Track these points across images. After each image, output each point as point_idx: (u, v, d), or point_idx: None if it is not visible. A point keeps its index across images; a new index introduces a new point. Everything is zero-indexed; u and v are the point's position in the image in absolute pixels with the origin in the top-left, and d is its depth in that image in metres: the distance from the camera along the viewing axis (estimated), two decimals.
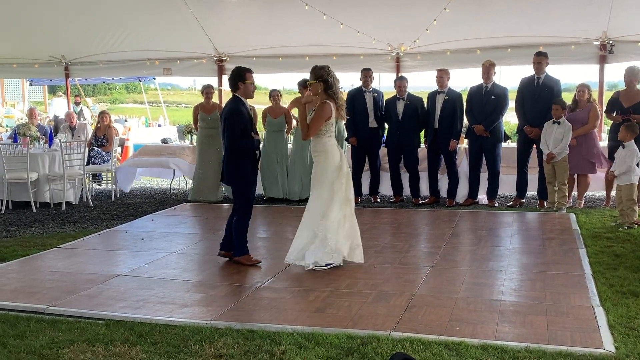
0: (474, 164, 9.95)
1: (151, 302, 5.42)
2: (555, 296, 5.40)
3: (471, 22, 10.53)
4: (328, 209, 6.42)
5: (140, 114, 23.10)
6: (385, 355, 4.11)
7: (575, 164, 9.26)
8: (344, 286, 5.81)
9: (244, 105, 6.60)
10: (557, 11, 10.05)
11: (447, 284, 5.86)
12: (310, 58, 11.98)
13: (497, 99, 9.66)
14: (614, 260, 6.54)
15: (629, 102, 9.07)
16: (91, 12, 11.25)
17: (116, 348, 4.38)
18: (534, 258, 6.75)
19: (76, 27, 11.99)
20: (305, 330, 4.62)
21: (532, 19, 10.32)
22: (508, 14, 10.31)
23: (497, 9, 10.19)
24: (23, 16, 11.45)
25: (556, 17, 10.20)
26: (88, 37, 12.40)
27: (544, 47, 10.06)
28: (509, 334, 4.56)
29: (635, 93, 9.12)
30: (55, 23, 11.82)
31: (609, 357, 4.10)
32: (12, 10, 11.15)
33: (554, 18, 10.23)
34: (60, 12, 11.28)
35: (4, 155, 10.00)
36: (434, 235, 7.98)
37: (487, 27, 10.57)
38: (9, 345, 4.46)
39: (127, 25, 11.79)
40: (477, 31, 10.67)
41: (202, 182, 10.88)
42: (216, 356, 4.21)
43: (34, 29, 12.14)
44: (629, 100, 9.07)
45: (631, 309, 5.01)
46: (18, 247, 7.52)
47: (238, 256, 6.66)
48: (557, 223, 8.44)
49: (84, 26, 11.94)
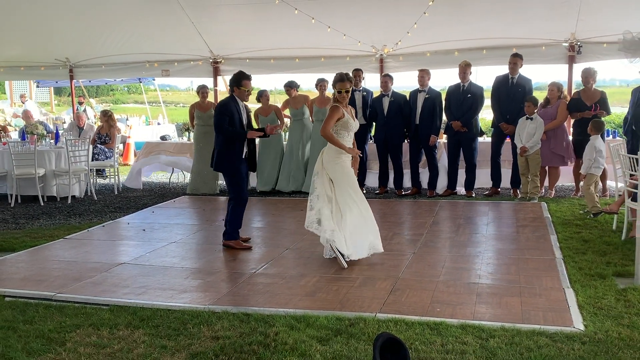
0: (453, 157, 9.99)
1: (152, 288, 5.41)
2: (529, 279, 5.43)
3: (449, 26, 10.53)
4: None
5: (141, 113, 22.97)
6: (372, 335, 4.12)
7: (546, 157, 9.31)
8: (332, 272, 5.81)
9: (235, 102, 6.72)
10: (528, 14, 10.06)
11: (429, 268, 5.88)
12: (299, 60, 11.99)
13: (474, 97, 9.70)
14: (583, 245, 6.59)
15: (590, 100, 9.15)
16: (94, 18, 11.20)
17: (120, 331, 4.38)
18: (508, 244, 6.79)
19: (80, 31, 11.93)
20: (297, 313, 4.63)
21: (505, 22, 10.35)
22: (483, 18, 10.32)
23: (472, 13, 10.20)
24: (30, 22, 11.38)
25: (528, 20, 10.22)
26: (91, 41, 12.34)
27: (517, 48, 10.08)
28: (486, 314, 4.59)
29: (594, 92, 9.23)
30: (60, 28, 11.75)
31: (579, 335, 4.12)
32: (20, 16, 11.09)
33: (526, 21, 10.25)
34: (64, 18, 11.21)
35: (12, 152, 9.95)
36: (416, 223, 7.99)
37: (464, 30, 10.58)
38: (19, 330, 4.45)
39: (128, 29, 11.74)
40: (455, 34, 10.67)
41: (199, 176, 10.87)
42: (214, 338, 4.21)
43: (40, 34, 12.07)
44: (590, 99, 9.17)
45: (599, 290, 5.04)
46: (27, 238, 7.49)
47: (228, 240, 6.79)
48: (530, 211, 8.48)
49: (87, 31, 11.89)
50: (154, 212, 9.28)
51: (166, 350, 4.03)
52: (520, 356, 3.80)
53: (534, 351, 3.86)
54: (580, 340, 4.03)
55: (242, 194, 6.83)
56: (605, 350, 3.87)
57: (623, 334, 4.12)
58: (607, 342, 4.00)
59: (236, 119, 6.66)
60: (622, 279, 5.36)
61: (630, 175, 6.80)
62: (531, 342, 4.00)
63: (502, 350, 3.88)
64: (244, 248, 6.76)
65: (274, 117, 10.63)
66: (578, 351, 3.86)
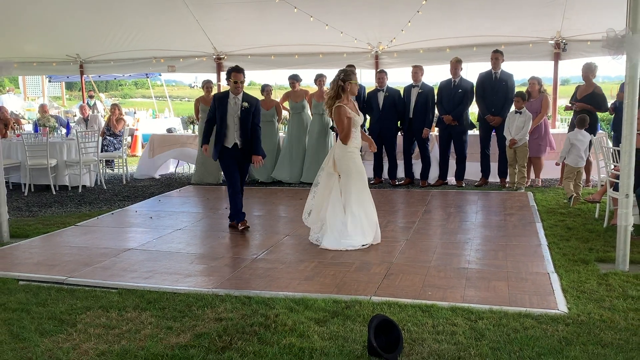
0: (444, 149, 9.98)
1: (159, 272, 5.41)
2: (515, 264, 5.44)
3: (441, 24, 10.51)
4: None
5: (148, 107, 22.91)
6: (367, 317, 4.12)
7: (531, 148, 9.32)
8: (329, 257, 5.81)
9: (226, 98, 6.86)
10: (516, 13, 10.04)
11: (421, 254, 5.88)
12: (299, 56, 11.96)
13: (464, 92, 9.68)
14: (567, 232, 6.59)
15: (582, 94, 9.11)
16: (103, 16, 11.16)
17: (128, 313, 4.37)
18: (496, 231, 6.78)
19: (90, 29, 11.89)
20: (296, 296, 4.63)
21: (494, 20, 10.32)
22: (473, 17, 10.30)
23: (463, 12, 10.18)
24: (43, 20, 11.35)
25: (515, 18, 10.20)
26: (100, 38, 12.31)
27: (505, 46, 10.07)
28: (475, 297, 4.59)
29: (589, 86, 9.15)
30: (71, 25, 11.71)
31: (563, 317, 4.12)
32: (33, 14, 11.05)
33: (514, 20, 10.23)
34: (75, 16, 11.17)
35: (26, 144, 9.95)
36: (409, 212, 7.99)
37: (456, 28, 10.56)
38: (33, 312, 4.44)
39: (136, 27, 11.70)
40: (447, 32, 10.66)
41: (203, 166, 10.84)
42: (217, 320, 4.20)
43: (53, 31, 12.03)
44: (583, 93, 9.12)
45: (582, 275, 5.05)
46: (39, 225, 7.48)
47: (231, 221, 7.20)
48: (517, 200, 8.48)
49: (96, 28, 11.85)
50: (160, 200, 9.27)
51: (172, 331, 4.03)
52: (507, 337, 3.80)
53: (520, 332, 3.87)
54: (564, 322, 4.03)
55: (230, 182, 7.04)
56: (588, 332, 3.87)
57: (604, 316, 4.12)
58: (589, 323, 4.01)
59: (221, 112, 6.80)
60: (603, 265, 5.37)
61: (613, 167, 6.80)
62: (517, 323, 4.01)
63: (490, 332, 3.89)
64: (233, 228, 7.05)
65: (273, 111, 10.64)
66: (562, 332, 3.87)
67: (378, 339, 3.60)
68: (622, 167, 5.17)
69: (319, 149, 10.38)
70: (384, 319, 3.74)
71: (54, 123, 11.47)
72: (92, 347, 3.79)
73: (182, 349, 3.73)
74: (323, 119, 10.41)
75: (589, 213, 7.55)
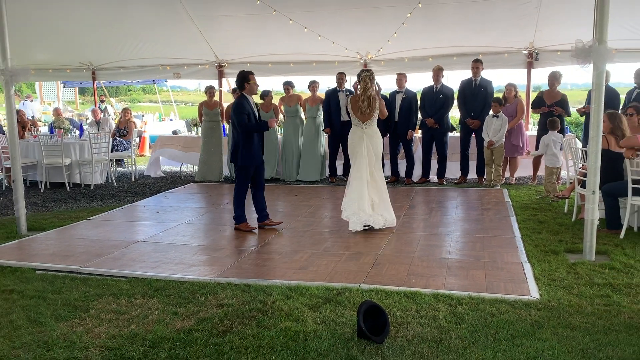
0: (426, 150, 9.98)
1: (165, 262, 5.39)
2: (492, 254, 5.45)
3: (424, 35, 10.50)
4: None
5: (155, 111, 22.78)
6: (356, 303, 4.12)
7: (507, 148, 9.36)
8: (322, 248, 5.81)
9: (247, 100, 6.57)
10: (493, 26, 10.05)
11: (406, 245, 5.89)
12: (294, 64, 11.94)
13: (445, 98, 9.70)
14: (539, 225, 6.62)
15: (551, 99, 9.16)
16: (114, 27, 11.10)
17: (137, 300, 4.36)
18: (474, 224, 6.81)
19: (101, 39, 11.82)
20: (292, 284, 4.63)
21: (472, 32, 10.32)
22: (454, 29, 10.30)
23: (445, 24, 10.18)
24: (58, 30, 11.28)
25: (492, 30, 10.21)
26: (111, 47, 12.24)
27: (483, 55, 10.08)
28: (455, 284, 4.60)
29: (556, 93, 9.21)
30: (85, 35, 11.63)
31: (535, 303, 4.14)
32: (49, 25, 10.99)
33: (491, 31, 10.25)
34: (88, 27, 11.10)
35: (42, 144, 9.90)
36: (395, 207, 7.93)
37: (437, 39, 10.56)
38: (48, 299, 4.42)
39: (144, 37, 11.64)
40: (429, 42, 10.65)
41: (206, 165, 10.82)
42: (219, 305, 4.20)
43: (67, 41, 11.95)
44: (551, 98, 9.17)
45: (552, 264, 5.08)
46: (55, 219, 7.44)
47: (237, 224, 6.69)
48: (493, 197, 8.50)
49: (108, 38, 11.78)
50: (166, 196, 9.23)
51: (177, 316, 4.02)
52: (484, 321, 3.82)
53: (497, 316, 3.88)
54: (536, 307, 4.05)
55: (245, 185, 6.66)
56: (558, 316, 3.89)
57: (573, 302, 4.15)
58: (559, 308, 4.03)
59: (252, 115, 6.53)
60: (572, 255, 5.40)
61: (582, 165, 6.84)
62: (494, 308, 4.03)
63: (469, 316, 3.90)
64: (249, 230, 6.64)
65: (272, 114, 10.63)
66: (534, 316, 3.89)
67: (367, 323, 3.60)
68: (589, 166, 5.20)
69: (313, 149, 10.39)
70: (372, 304, 3.75)
71: (68, 125, 11.42)
72: (103, 331, 3.78)
73: (187, 332, 3.73)
74: (316, 121, 10.40)
75: (558, 208, 7.58)
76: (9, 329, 3.86)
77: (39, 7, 10.12)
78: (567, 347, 3.42)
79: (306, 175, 10.38)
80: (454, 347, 3.44)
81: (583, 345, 3.43)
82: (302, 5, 9.56)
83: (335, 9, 9.72)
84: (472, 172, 9.97)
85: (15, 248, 6.10)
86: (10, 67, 6.51)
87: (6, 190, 9.92)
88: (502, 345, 3.46)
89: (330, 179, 10.46)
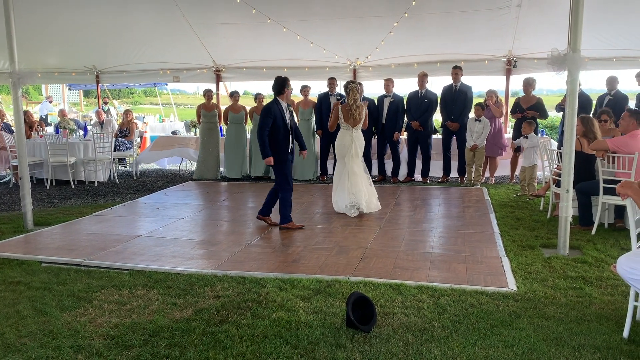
0: (412, 151, 10.00)
1: (165, 256, 5.36)
2: (472, 249, 5.47)
3: (410, 44, 10.51)
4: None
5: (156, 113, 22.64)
6: (345, 294, 4.12)
7: (488, 148, 9.39)
8: (313, 243, 5.81)
9: (279, 104, 6.29)
10: (474, 35, 10.07)
11: (392, 240, 5.90)
12: (288, 69, 11.87)
13: (429, 102, 9.71)
14: (516, 222, 6.65)
15: (526, 104, 9.19)
16: (117, 33, 11.01)
17: (138, 291, 4.33)
18: (456, 221, 6.83)
19: (105, 44, 11.72)
20: (284, 276, 4.62)
21: (455, 41, 10.35)
22: (437, 37, 10.32)
23: (429, 33, 10.19)
24: (64, 35, 11.17)
25: (473, 39, 10.24)
26: (114, 52, 12.15)
27: (464, 62, 10.11)
28: (438, 277, 4.61)
29: (531, 97, 9.26)
30: (89, 41, 11.52)
31: (512, 294, 4.16)
32: (56, 30, 10.88)
33: (472, 40, 10.27)
34: (93, 32, 11.00)
35: (48, 143, 9.82)
36: (382, 204, 7.97)
37: (422, 47, 10.57)
38: (54, 290, 4.39)
39: (145, 43, 11.56)
40: (414, 50, 10.66)
41: (203, 164, 10.77)
42: (215, 297, 4.18)
43: (72, 45, 11.84)
44: (527, 103, 9.20)
45: (529, 258, 5.10)
46: (60, 215, 7.38)
47: (284, 224, 6.46)
48: (474, 195, 8.53)
49: (111, 43, 11.69)
50: (166, 194, 9.18)
51: (176, 306, 4.00)
52: (465, 311, 3.83)
53: (477, 307, 3.90)
54: (513, 299, 4.07)
55: (288, 182, 6.46)
56: (534, 307, 3.91)
57: (548, 294, 4.17)
58: (535, 300, 4.05)
59: (279, 119, 6.22)
60: (547, 250, 5.43)
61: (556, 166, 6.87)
62: (474, 299, 4.04)
63: (451, 306, 3.91)
64: (298, 227, 6.47)
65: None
66: (512, 307, 3.90)
67: (355, 313, 3.60)
68: (564, 167, 5.22)
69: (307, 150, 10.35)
70: (360, 295, 3.75)
71: (73, 125, 11.33)
72: (106, 321, 3.75)
73: (185, 322, 3.71)
74: (309, 124, 10.38)
75: (534, 206, 7.62)
76: (15, 319, 3.82)
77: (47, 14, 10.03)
78: (542, 335, 3.43)
79: (298, 175, 10.36)
80: (437, 336, 3.45)
81: (557, 334, 3.45)
82: (295, 15, 9.55)
83: (326, 18, 9.71)
84: (454, 172, 10.01)
85: (22, 242, 6.05)
86: (18, 70, 6.45)
87: (14, 187, 9.83)
88: (482, 334, 3.47)
89: (320, 178, 10.45)
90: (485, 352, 3.23)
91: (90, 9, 9.86)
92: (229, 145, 10.62)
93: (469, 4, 8.96)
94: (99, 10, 9.93)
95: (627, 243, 5.47)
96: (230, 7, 9.21)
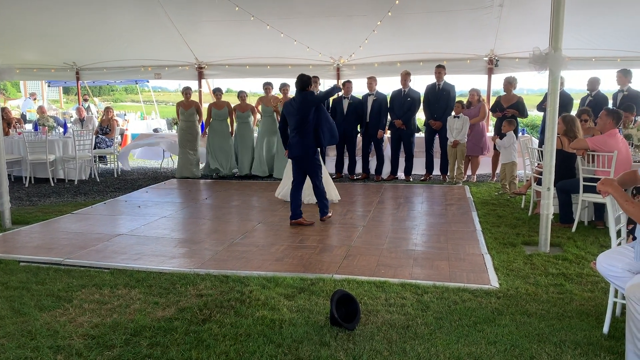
0: (395, 149, 10.04)
1: (146, 254, 5.30)
2: (455, 246, 5.50)
3: (393, 42, 10.53)
4: None
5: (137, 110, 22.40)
6: (329, 292, 4.11)
7: (470, 148, 9.46)
8: (297, 241, 5.79)
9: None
10: (456, 34, 10.12)
11: (375, 238, 5.90)
12: (270, 67, 11.86)
13: (412, 101, 9.76)
14: (498, 220, 6.70)
15: (507, 102, 9.27)
16: (97, 28, 10.83)
17: (119, 290, 4.27)
18: (438, 218, 6.86)
19: (85, 40, 11.53)
20: (268, 275, 4.59)
21: (437, 40, 10.39)
22: (420, 36, 10.35)
23: (412, 32, 10.21)
24: (43, 30, 10.95)
25: (456, 38, 10.29)
26: (95, 48, 11.96)
27: (447, 61, 10.16)
28: (421, 274, 4.62)
29: (512, 96, 9.33)
30: (69, 37, 11.33)
31: (495, 291, 4.19)
32: (35, 25, 10.66)
33: (454, 39, 10.32)
34: (73, 28, 10.82)
35: (27, 141, 9.66)
36: (365, 202, 8.01)
37: (405, 46, 10.60)
38: (32, 290, 4.30)
39: (126, 39, 11.40)
40: (398, 49, 10.69)
41: (182, 162, 10.69)
42: (198, 296, 4.14)
43: (52, 41, 11.63)
44: (507, 102, 9.28)
45: (510, 256, 5.14)
46: (39, 213, 7.26)
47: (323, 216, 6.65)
48: (456, 193, 8.59)
49: (91, 39, 11.50)
50: (147, 191, 9.08)
51: (158, 305, 3.95)
52: (448, 308, 3.84)
53: (460, 304, 3.91)
54: (495, 295, 4.10)
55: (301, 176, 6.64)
56: (516, 304, 3.94)
57: (529, 290, 4.20)
58: (517, 296, 4.08)
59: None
60: (528, 247, 5.48)
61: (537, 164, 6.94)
62: (457, 296, 4.06)
63: (434, 304, 3.92)
64: (309, 224, 6.49)
65: (249, 113, 10.56)
66: (494, 304, 3.93)
67: (339, 311, 3.59)
68: (545, 165, 5.27)
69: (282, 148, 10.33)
70: (344, 293, 3.74)
71: (53, 123, 11.16)
72: (86, 320, 3.69)
73: (167, 321, 3.66)
74: None
75: (516, 204, 7.69)
76: None
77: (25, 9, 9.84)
78: (524, 332, 3.46)
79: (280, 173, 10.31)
80: (420, 333, 3.46)
81: (539, 331, 3.48)
82: (279, 13, 9.50)
83: (310, 16, 9.68)
84: (436, 170, 10.07)
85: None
86: None
87: None
88: (464, 330, 3.49)
89: None
90: (468, 348, 3.25)
91: (69, 3, 9.69)
92: (215, 141, 10.52)
93: (451, 3, 9.00)
94: (78, 5, 9.77)
95: (606, 240, 5.56)
96: (212, 4, 9.13)
